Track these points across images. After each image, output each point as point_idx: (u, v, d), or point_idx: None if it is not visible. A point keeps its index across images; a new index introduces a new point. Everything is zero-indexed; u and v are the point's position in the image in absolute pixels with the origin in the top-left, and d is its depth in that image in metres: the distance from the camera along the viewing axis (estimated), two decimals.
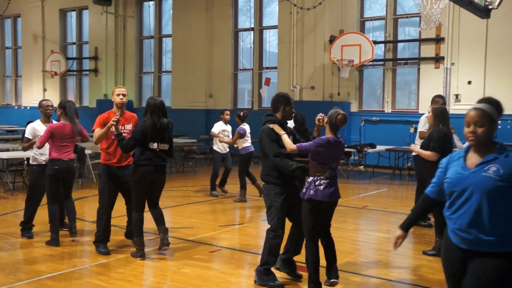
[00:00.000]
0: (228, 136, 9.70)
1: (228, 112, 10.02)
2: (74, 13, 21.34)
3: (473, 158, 2.92)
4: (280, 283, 4.81)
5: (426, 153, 5.81)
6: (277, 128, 4.71)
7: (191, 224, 7.37)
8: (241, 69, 17.59)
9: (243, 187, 9.25)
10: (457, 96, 13.22)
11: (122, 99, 5.78)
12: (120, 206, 6.20)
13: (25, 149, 6.56)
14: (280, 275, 5.00)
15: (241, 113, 9.45)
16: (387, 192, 10.89)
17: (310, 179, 4.52)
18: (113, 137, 5.69)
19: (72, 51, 21.53)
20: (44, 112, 6.56)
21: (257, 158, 9.90)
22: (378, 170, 13.55)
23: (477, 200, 2.82)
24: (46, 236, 6.47)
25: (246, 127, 9.40)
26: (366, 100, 15.25)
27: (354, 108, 14.86)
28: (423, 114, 7.99)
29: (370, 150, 12.86)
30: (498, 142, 2.92)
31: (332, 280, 4.61)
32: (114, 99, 5.81)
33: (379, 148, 13.15)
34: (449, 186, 2.96)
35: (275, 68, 16.55)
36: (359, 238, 7.01)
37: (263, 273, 4.83)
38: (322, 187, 4.46)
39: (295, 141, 4.84)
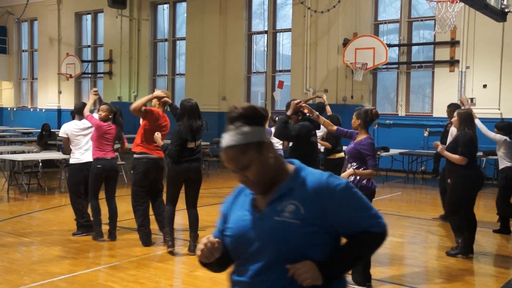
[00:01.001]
0: None
1: None
2: (89, 16, 21.55)
3: (260, 197, 1.89)
4: None
5: (455, 157, 5.89)
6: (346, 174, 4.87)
7: (204, 226, 7.37)
8: (254, 72, 17.61)
9: None
10: (472, 100, 13.10)
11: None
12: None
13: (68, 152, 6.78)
14: None
15: (277, 118, 9.50)
16: (401, 196, 10.82)
17: (352, 178, 4.73)
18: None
19: (87, 54, 21.74)
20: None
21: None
22: (391, 174, 13.47)
23: (270, 261, 1.80)
24: (63, 236, 6.54)
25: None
26: (379, 104, 15.17)
27: None
28: (437, 117, 7.95)
29: (384, 154, 12.77)
30: (291, 162, 1.92)
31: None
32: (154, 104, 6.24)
33: (393, 151, 13.07)
34: (231, 241, 1.91)
35: (289, 71, 16.54)
36: None
37: None
38: (364, 180, 4.71)
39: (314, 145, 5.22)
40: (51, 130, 13.47)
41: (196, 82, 18.08)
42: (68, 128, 6.72)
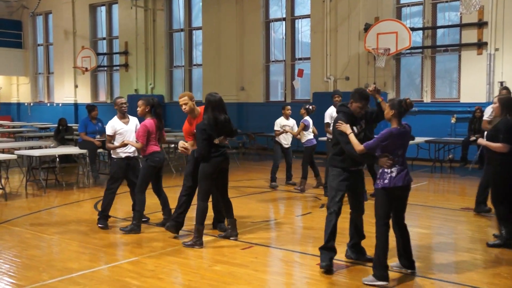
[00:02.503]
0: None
1: (289, 107, 10.29)
2: (104, 8, 21.69)
3: None
4: (327, 263, 5.07)
5: (495, 145, 5.88)
6: (344, 128, 5.00)
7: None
8: (273, 61, 17.53)
9: (304, 176, 9.66)
10: (501, 83, 12.82)
11: (184, 108, 6.34)
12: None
13: (113, 149, 6.89)
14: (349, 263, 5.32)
15: (310, 107, 9.76)
16: (427, 185, 10.68)
17: (381, 169, 4.80)
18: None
19: (103, 47, 21.91)
20: (119, 109, 7.05)
21: (317, 154, 10.11)
22: (417, 163, 13.29)
23: None
24: (81, 231, 6.62)
25: (310, 120, 9.68)
26: (404, 90, 14.98)
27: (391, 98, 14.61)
28: (465, 103, 7.83)
29: (412, 142, 12.62)
30: None
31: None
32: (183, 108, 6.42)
33: (418, 139, 12.88)
34: None
35: (308, 58, 16.43)
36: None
37: (320, 250, 5.18)
38: (394, 174, 4.75)
39: (365, 138, 5.09)
40: (68, 124, 13.63)
41: (213, 73, 18.09)
42: (113, 126, 6.96)
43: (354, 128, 5.08)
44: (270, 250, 6.01)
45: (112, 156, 7.01)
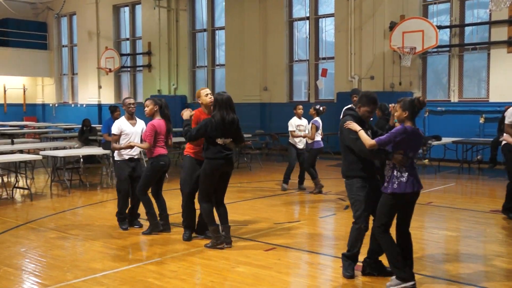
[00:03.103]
0: (304, 131, 9.87)
1: (301, 106, 10.16)
2: (127, 9, 21.94)
3: None
4: (351, 274, 4.95)
5: None
6: (352, 126, 4.79)
7: (246, 221, 7.41)
8: (296, 60, 17.49)
9: (314, 177, 9.56)
10: None
11: (211, 98, 6.12)
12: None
13: (118, 149, 6.81)
14: (372, 280, 4.98)
15: (321, 108, 9.64)
16: (455, 187, 10.52)
17: (390, 172, 4.63)
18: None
19: (126, 47, 22.16)
20: (127, 109, 6.95)
21: (324, 153, 10.02)
22: (444, 164, 13.12)
23: None
24: (105, 232, 6.71)
25: (320, 121, 9.61)
26: (430, 90, 14.80)
27: None
28: (494, 102, 7.72)
29: (435, 143, 12.45)
30: None
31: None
32: (203, 100, 6.18)
33: (445, 140, 12.73)
34: None
35: (332, 58, 16.35)
36: (424, 236, 6.80)
37: (343, 259, 5.05)
38: (404, 179, 4.57)
39: (373, 135, 4.95)
40: (92, 125, 13.81)
41: (236, 73, 18.13)
42: (120, 126, 6.88)
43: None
44: (293, 252, 5.99)
45: (116, 158, 6.96)
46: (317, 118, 9.55)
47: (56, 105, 24.86)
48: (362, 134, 4.71)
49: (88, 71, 22.87)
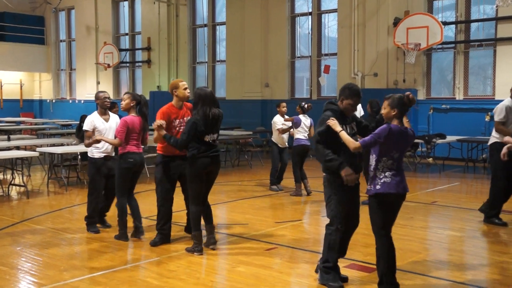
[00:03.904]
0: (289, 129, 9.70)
1: (284, 104, 10.02)
2: (126, 3, 21.89)
3: None
4: (340, 285, 4.72)
5: None
6: (333, 124, 4.56)
7: (246, 220, 7.39)
8: (298, 57, 17.46)
9: (297, 180, 9.27)
10: None
11: (189, 92, 6.05)
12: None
13: (88, 145, 6.55)
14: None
15: (305, 105, 9.35)
16: (459, 186, 10.50)
17: (373, 173, 4.44)
18: (173, 130, 5.94)
19: (125, 42, 22.12)
20: (101, 104, 6.68)
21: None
22: (448, 163, 13.10)
23: None
24: (103, 230, 6.69)
25: (304, 118, 9.34)
26: (435, 87, 14.77)
27: (421, 95, 14.42)
28: (500, 100, 7.65)
29: (440, 141, 12.45)
30: None
31: None
32: (180, 93, 5.99)
33: (450, 138, 12.71)
34: None
35: (335, 54, 16.31)
36: (428, 236, 6.79)
37: (323, 271, 4.78)
38: (388, 179, 4.37)
39: (358, 126, 4.79)
40: None
41: (237, 69, 18.10)
42: (92, 121, 6.64)
43: (345, 128, 4.66)
44: (295, 251, 5.97)
45: (88, 155, 6.73)
46: (301, 115, 9.32)
47: (54, 101, 24.85)
48: (343, 135, 4.50)
49: (86, 66, 22.85)
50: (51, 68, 24.87)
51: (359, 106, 8.52)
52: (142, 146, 6.53)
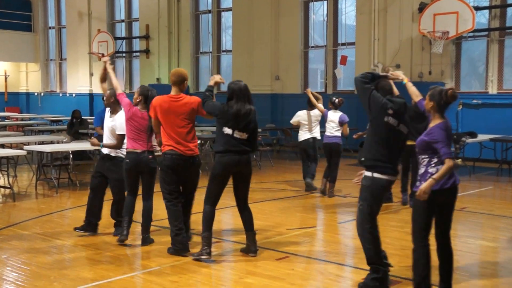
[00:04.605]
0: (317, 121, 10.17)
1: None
2: None
3: None
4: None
5: None
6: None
7: (255, 226, 7.37)
8: (312, 46, 17.44)
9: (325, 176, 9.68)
10: None
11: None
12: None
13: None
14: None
15: (336, 99, 9.70)
16: (492, 191, 10.47)
17: (422, 170, 4.60)
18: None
19: (121, 30, 22.20)
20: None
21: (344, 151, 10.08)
22: (480, 164, 13.04)
23: None
24: (97, 237, 6.72)
25: (333, 113, 9.58)
26: (464, 80, 14.71)
27: None
28: None
29: (470, 140, 12.37)
30: None
31: None
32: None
33: (481, 137, 12.63)
34: None
35: (353, 44, 16.29)
36: (457, 246, 6.74)
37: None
38: (445, 181, 4.56)
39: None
40: (82, 117, 13.85)
41: (245, 60, 18.11)
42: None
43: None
44: (309, 261, 5.98)
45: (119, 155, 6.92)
46: (331, 111, 9.62)
47: (42, 94, 24.98)
48: (440, 175, 4.59)
49: (78, 56, 22.94)
50: (39, 58, 25.00)
51: None
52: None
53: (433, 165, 4.58)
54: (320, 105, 9.78)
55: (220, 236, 6.86)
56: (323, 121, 9.90)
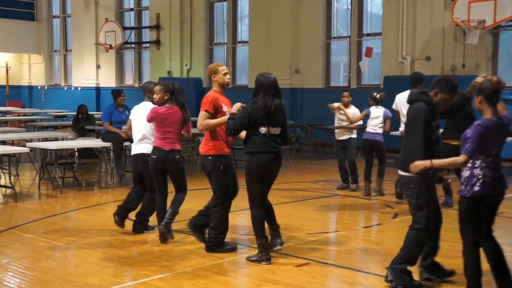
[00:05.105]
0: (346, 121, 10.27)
1: (345, 93, 10.41)
2: None
3: None
4: (419, 282, 5.18)
5: None
6: (419, 165, 4.87)
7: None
8: (335, 37, 17.40)
9: (365, 178, 9.78)
10: None
11: (229, 78, 6.40)
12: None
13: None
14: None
15: (377, 94, 9.79)
16: None
17: (468, 172, 4.68)
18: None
19: (130, 19, 22.29)
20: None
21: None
22: None
23: None
24: (104, 240, 6.76)
25: (375, 110, 9.71)
26: (503, 73, 14.55)
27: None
28: None
29: (509, 139, 12.24)
30: None
31: None
32: (219, 78, 6.27)
33: None
34: None
35: (379, 34, 16.22)
36: None
37: (404, 272, 5.12)
38: (489, 179, 4.65)
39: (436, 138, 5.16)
40: (89, 112, 13.92)
41: (262, 52, 18.10)
42: None
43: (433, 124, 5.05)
44: (330, 268, 5.97)
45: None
46: (373, 107, 9.73)
47: (46, 87, 25.16)
48: (441, 162, 4.83)
49: (84, 47, 23.07)
50: (43, 49, 25.17)
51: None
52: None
53: (478, 167, 4.66)
54: (351, 115, 9.95)
55: (236, 241, 6.86)
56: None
